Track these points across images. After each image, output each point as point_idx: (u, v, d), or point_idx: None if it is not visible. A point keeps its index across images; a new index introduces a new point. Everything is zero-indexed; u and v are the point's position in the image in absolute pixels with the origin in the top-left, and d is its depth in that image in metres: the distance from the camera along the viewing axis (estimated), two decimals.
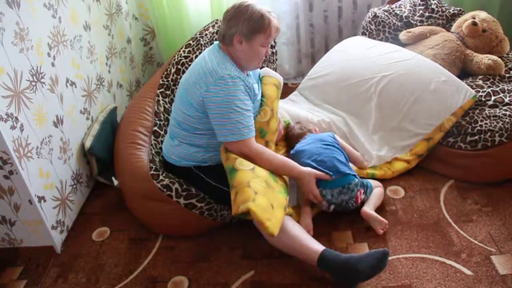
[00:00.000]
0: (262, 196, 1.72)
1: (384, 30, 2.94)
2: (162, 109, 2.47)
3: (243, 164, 1.83)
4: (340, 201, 2.02)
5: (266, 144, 2.07)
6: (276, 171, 1.95)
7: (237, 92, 1.86)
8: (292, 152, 2.25)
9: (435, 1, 2.95)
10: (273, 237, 1.69)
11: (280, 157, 1.98)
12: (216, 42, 2.00)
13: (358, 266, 1.68)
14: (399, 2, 3.06)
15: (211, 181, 2.01)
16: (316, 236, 1.92)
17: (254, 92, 2.01)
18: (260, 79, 2.20)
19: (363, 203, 2.07)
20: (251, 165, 1.84)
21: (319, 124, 2.50)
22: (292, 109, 2.58)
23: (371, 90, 2.51)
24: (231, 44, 1.92)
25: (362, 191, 2.06)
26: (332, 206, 2.04)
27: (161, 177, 2.06)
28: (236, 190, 1.74)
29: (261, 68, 2.25)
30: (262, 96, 2.12)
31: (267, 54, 1.99)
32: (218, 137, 1.91)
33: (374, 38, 2.93)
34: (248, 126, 1.88)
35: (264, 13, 1.88)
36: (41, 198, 2.01)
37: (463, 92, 2.34)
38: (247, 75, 2.03)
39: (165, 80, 2.58)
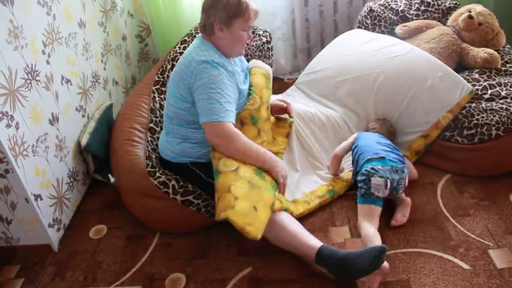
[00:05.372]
0: (243, 200, 1.71)
1: (380, 24, 2.93)
2: (157, 105, 2.46)
3: (226, 165, 1.82)
4: (392, 179, 1.95)
5: (259, 133, 2.08)
6: (251, 158, 1.89)
7: (221, 75, 1.87)
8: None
9: None
10: (257, 240, 1.67)
11: (254, 144, 1.92)
12: (200, 34, 2.01)
13: (355, 262, 1.68)
14: None
15: (207, 177, 2.00)
16: (313, 231, 1.92)
17: (239, 78, 2.01)
18: (249, 71, 2.20)
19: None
20: (235, 165, 1.82)
21: (316, 115, 2.48)
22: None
23: (368, 87, 2.50)
24: (212, 33, 1.93)
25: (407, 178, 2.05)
26: (388, 182, 1.93)
27: (157, 174, 2.05)
28: (218, 195, 1.76)
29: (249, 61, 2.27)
30: (251, 85, 2.13)
31: (250, 39, 2.00)
32: (199, 119, 1.88)
33: None
34: (227, 109, 1.85)
35: None
36: (37, 196, 2.01)
37: (459, 88, 2.32)
38: (232, 62, 2.04)
39: (160, 76, 2.57)
